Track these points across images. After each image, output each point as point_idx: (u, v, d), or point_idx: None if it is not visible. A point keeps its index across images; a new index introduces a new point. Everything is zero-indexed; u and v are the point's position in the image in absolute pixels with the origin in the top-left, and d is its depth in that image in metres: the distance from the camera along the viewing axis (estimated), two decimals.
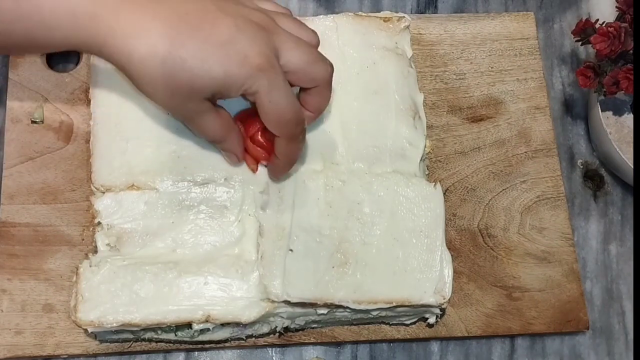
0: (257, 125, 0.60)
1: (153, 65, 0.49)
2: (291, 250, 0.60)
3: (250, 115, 0.61)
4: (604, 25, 0.69)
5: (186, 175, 0.62)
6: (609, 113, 0.73)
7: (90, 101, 0.65)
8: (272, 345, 0.66)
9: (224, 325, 0.60)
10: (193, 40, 0.49)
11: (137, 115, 0.64)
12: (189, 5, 0.51)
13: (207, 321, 0.58)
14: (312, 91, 0.57)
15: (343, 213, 0.61)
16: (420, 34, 0.77)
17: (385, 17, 0.70)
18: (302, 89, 0.58)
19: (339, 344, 0.67)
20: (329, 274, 0.59)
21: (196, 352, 0.66)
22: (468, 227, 0.70)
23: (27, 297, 0.64)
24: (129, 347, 0.64)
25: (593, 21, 0.70)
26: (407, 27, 0.70)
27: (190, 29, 0.49)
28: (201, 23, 0.50)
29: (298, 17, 0.70)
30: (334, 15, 0.69)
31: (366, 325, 0.66)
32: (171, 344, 0.64)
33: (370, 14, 0.70)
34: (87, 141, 0.66)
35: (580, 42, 0.72)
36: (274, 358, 0.67)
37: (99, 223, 0.61)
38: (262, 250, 0.60)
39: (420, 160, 0.66)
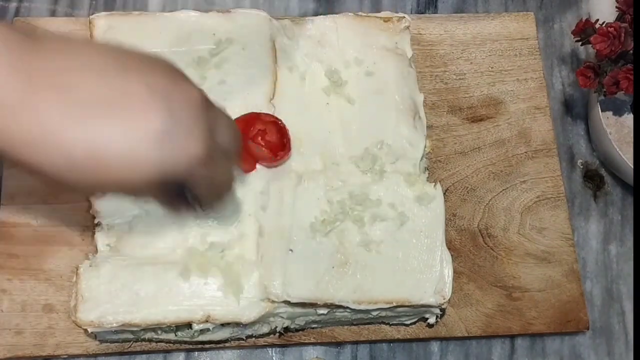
0: (258, 127, 0.62)
1: (74, 170, 0.42)
2: (291, 250, 0.60)
3: (250, 118, 0.62)
4: (604, 25, 0.69)
5: None
6: (609, 113, 0.73)
7: None
8: (272, 345, 0.66)
9: (224, 325, 0.60)
10: (119, 135, 0.42)
11: None
12: (111, 89, 0.42)
13: (207, 321, 0.58)
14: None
15: (343, 213, 0.61)
16: (420, 34, 0.77)
17: (386, 18, 0.70)
18: None
19: (339, 344, 0.67)
20: (329, 274, 0.59)
21: (196, 352, 0.66)
22: (468, 227, 0.70)
23: (27, 297, 0.64)
24: (129, 347, 0.64)
25: (593, 21, 0.70)
26: (407, 27, 0.70)
27: (114, 122, 0.42)
28: (128, 113, 0.42)
29: (298, 18, 0.71)
30: (334, 15, 0.69)
31: (366, 325, 0.66)
32: (171, 344, 0.64)
33: (370, 14, 0.70)
34: None
35: (580, 42, 0.72)
36: (274, 358, 0.67)
37: (99, 223, 0.61)
38: (262, 250, 0.60)
39: (420, 160, 0.66)
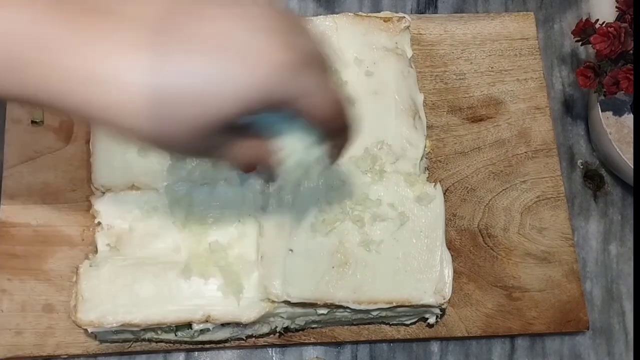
0: None
1: (137, 110, 0.33)
2: (291, 250, 0.60)
3: None
4: (604, 25, 0.69)
5: (186, 175, 0.62)
6: (609, 113, 0.73)
7: None
8: (272, 345, 0.66)
9: (224, 325, 0.60)
10: (185, 54, 0.32)
11: None
12: (164, 1, 0.34)
13: (207, 321, 0.58)
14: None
15: (343, 213, 0.61)
16: (420, 34, 0.77)
17: (386, 18, 0.70)
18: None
19: (339, 344, 0.67)
20: (329, 274, 0.59)
21: (196, 352, 0.66)
22: (468, 227, 0.70)
23: (27, 297, 0.64)
24: (129, 347, 0.64)
25: (593, 21, 0.70)
26: (407, 27, 0.70)
27: (177, 39, 0.32)
28: (190, 24, 0.33)
29: None
30: (334, 15, 0.69)
31: (366, 325, 0.66)
32: (171, 344, 0.64)
33: (370, 14, 0.70)
34: (87, 141, 0.66)
35: (580, 42, 0.72)
36: (274, 358, 0.67)
37: (99, 223, 0.61)
38: (262, 250, 0.60)
39: (420, 160, 0.66)
